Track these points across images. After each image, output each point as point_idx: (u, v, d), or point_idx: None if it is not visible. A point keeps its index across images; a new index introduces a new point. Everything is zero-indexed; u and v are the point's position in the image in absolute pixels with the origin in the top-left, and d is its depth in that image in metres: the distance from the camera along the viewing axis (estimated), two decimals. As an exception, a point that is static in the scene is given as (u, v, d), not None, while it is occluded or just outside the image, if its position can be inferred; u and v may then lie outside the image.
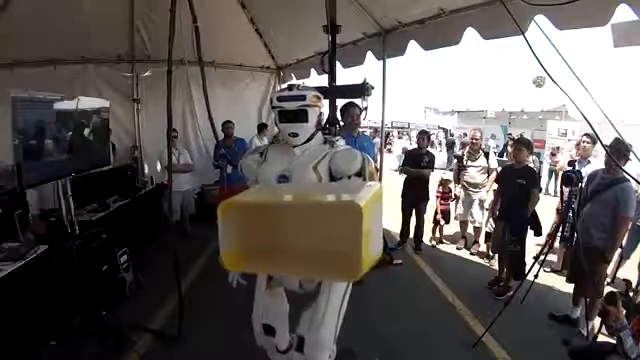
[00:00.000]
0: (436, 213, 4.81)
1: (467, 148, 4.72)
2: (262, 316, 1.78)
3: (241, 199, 1.01)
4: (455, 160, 4.95)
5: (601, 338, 2.30)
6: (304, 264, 0.99)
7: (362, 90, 1.61)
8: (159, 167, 5.25)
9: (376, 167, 1.86)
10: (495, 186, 4.15)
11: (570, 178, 2.77)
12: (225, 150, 4.37)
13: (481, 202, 4.49)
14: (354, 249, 0.84)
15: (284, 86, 1.69)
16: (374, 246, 0.94)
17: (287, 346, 1.84)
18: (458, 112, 19.80)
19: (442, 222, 4.84)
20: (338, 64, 3.46)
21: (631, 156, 2.69)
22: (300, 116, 1.62)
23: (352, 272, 0.87)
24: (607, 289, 2.85)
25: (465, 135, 12.13)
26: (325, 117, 1.84)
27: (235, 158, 4.30)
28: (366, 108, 1.77)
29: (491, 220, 4.22)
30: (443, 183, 4.83)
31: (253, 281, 1.86)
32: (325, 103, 2.00)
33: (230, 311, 2.72)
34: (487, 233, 4.47)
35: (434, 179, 4.76)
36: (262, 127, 5.77)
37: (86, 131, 3.24)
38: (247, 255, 0.99)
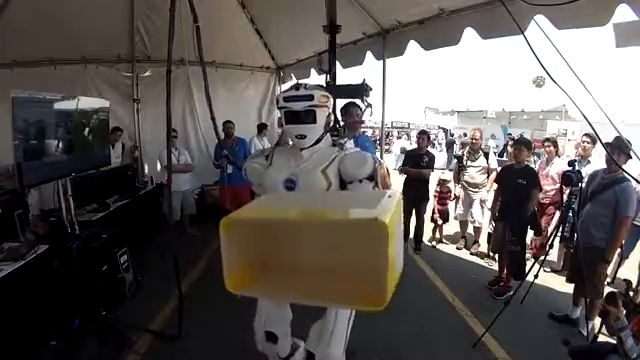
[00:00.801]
0: (433, 213, 4.82)
1: (467, 148, 4.72)
2: (265, 323, 1.73)
3: (246, 214, 0.86)
4: (455, 160, 4.95)
5: (601, 338, 2.30)
6: (319, 289, 0.85)
7: (361, 91, 1.58)
8: (159, 167, 5.25)
9: (387, 170, 1.80)
10: (495, 186, 4.15)
11: (570, 178, 2.77)
12: (222, 150, 4.38)
13: (482, 202, 4.49)
14: (379, 274, 0.71)
15: (290, 85, 1.63)
16: (397, 262, 0.82)
17: (289, 353, 1.81)
18: (458, 112, 19.81)
19: (439, 222, 4.84)
20: (337, 64, 3.46)
21: (632, 155, 2.69)
22: (308, 117, 1.54)
23: (377, 300, 0.73)
24: (607, 289, 2.85)
25: (465, 135, 12.15)
26: (332, 118, 1.75)
27: (236, 158, 4.30)
28: (370, 105, 1.71)
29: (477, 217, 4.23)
30: (441, 183, 4.83)
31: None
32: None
33: (230, 311, 2.72)
34: (489, 234, 4.47)
35: (434, 179, 4.76)
36: (262, 127, 5.76)
37: (86, 131, 3.24)
38: (253, 276, 0.88)
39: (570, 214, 2.88)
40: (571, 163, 2.91)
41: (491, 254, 4.27)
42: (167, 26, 2.40)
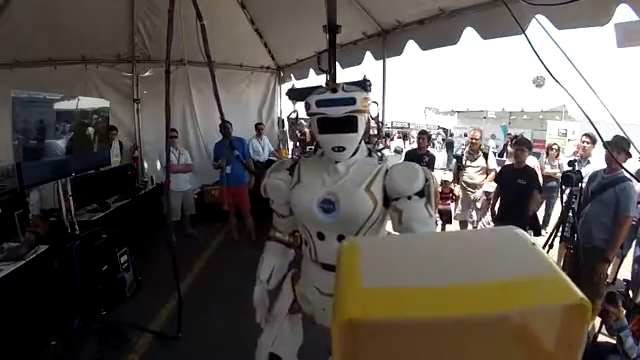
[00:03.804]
0: (434, 212, 4.82)
1: (466, 148, 4.72)
2: (273, 344, 1.54)
3: (373, 305, 0.51)
4: (454, 160, 4.96)
5: (601, 338, 2.30)
6: None
7: (364, 87, 1.37)
8: (159, 166, 5.25)
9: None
10: (491, 186, 4.14)
11: (570, 178, 2.77)
12: (224, 150, 4.37)
13: (475, 202, 4.49)
14: None
15: (297, 85, 1.42)
16: None
17: None
18: (458, 112, 19.79)
19: (439, 222, 4.83)
20: (337, 64, 3.45)
21: (631, 153, 2.68)
22: (348, 125, 1.25)
23: None
24: (607, 289, 2.85)
25: (465, 135, 12.14)
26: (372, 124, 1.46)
27: (232, 158, 4.29)
28: (375, 103, 1.49)
29: (488, 219, 4.22)
30: (443, 184, 4.83)
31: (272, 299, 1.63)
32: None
33: (230, 311, 2.72)
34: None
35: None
36: (259, 127, 5.76)
37: (86, 131, 3.24)
38: None
39: (570, 214, 2.88)
40: (571, 163, 2.92)
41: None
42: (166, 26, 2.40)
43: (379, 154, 1.38)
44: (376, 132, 1.48)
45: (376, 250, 0.66)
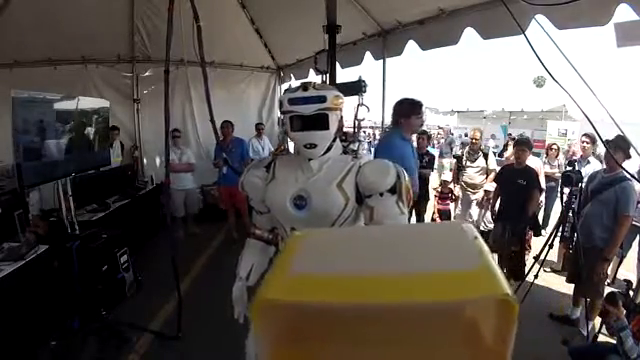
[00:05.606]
0: (433, 213, 4.83)
1: (466, 148, 4.72)
2: None
3: (285, 291, 0.53)
4: (454, 160, 4.96)
5: (601, 338, 2.30)
6: None
7: (359, 87, 1.37)
8: (159, 166, 5.26)
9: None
10: (492, 186, 4.14)
11: (570, 178, 2.77)
12: (221, 151, 4.38)
13: (478, 204, 4.49)
14: None
15: (296, 84, 1.40)
16: None
17: None
18: (458, 112, 19.81)
19: (438, 222, 4.84)
20: (337, 64, 3.45)
21: (631, 154, 2.68)
22: (319, 122, 1.28)
23: None
24: (607, 289, 2.85)
25: (466, 135, 12.15)
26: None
27: (233, 159, 4.30)
28: (366, 107, 1.48)
29: (488, 217, 4.22)
30: (442, 184, 4.84)
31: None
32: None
33: (230, 310, 2.71)
34: (481, 232, 4.46)
35: (433, 179, 4.77)
36: (259, 127, 5.76)
37: (86, 131, 3.24)
38: None
39: (570, 214, 2.88)
40: (571, 163, 2.91)
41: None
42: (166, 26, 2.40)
43: (354, 149, 1.41)
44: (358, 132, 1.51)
45: (320, 240, 0.68)
